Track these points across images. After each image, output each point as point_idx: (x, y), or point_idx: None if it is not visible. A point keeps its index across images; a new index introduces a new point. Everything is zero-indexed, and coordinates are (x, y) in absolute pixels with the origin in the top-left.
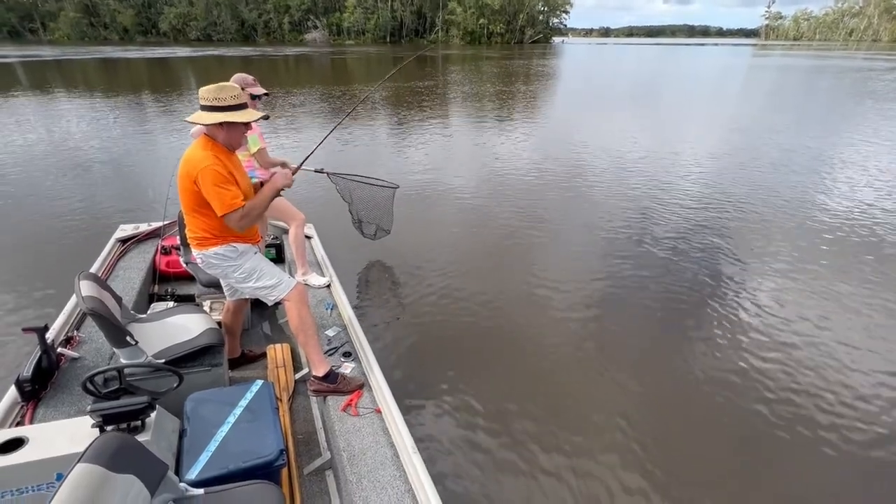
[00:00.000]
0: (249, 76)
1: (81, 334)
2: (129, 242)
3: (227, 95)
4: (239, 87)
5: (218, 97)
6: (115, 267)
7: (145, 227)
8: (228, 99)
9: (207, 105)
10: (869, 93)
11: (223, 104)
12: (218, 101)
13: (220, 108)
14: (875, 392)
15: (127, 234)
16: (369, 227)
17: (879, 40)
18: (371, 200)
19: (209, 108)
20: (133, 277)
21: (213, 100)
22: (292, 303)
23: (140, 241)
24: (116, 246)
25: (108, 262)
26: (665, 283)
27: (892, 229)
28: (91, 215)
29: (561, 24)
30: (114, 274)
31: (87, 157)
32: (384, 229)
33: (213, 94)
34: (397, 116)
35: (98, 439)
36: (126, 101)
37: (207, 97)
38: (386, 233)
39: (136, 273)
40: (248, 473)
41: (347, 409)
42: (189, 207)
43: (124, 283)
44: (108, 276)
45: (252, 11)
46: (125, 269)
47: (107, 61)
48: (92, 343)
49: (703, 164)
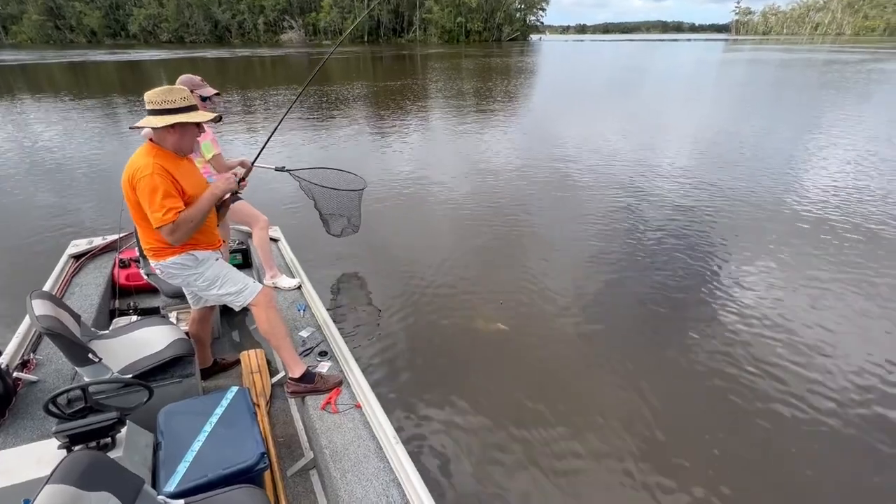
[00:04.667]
0: (196, 77)
1: (39, 356)
2: (84, 258)
3: (176, 97)
4: (187, 89)
5: (167, 99)
6: (70, 284)
7: (100, 241)
8: (178, 101)
9: (156, 109)
10: (833, 83)
11: (173, 106)
12: (167, 104)
13: (169, 110)
14: (871, 372)
15: (81, 249)
16: (336, 225)
17: (843, 34)
18: (337, 198)
19: (158, 112)
20: (91, 294)
21: (162, 102)
22: (260, 307)
23: (95, 255)
24: (70, 262)
25: (63, 280)
26: (651, 275)
27: (877, 212)
28: (40, 231)
29: (538, 22)
30: (69, 291)
31: (34, 168)
32: (352, 226)
33: (162, 97)
34: (378, 115)
35: (66, 459)
36: (85, 105)
37: (155, 100)
38: (354, 230)
39: (94, 289)
40: (230, 480)
41: (327, 408)
42: (138, 216)
43: (81, 300)
44: (64, 294)
45: (225, 12)
46: (81, 286)
47: (75, 65)
48: (51, 364)
49: (684, 157)
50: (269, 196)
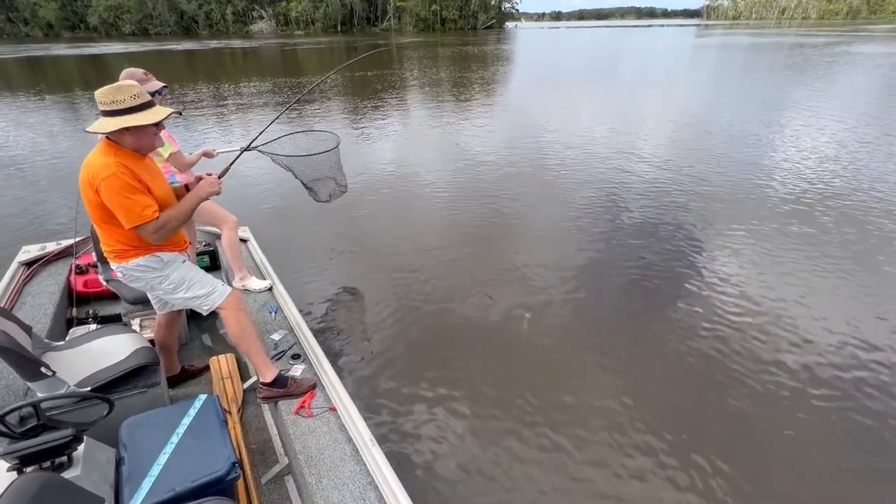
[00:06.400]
0: (140, 70)
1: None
2: (36, 265)
3: (125, 96)
4: (138, 85)
5: (115, 99)
6: (20, 293)
7: (53, 247)
8: (128, 100)
9: (106, 110)
10: (799, 66)
11: (122, 106)
12: (116, 104)
13: (119, 111)
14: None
15: (32, 255)
16: (323, 191)
17: (809, 17)
18: (315, 162)
19: (108, 113)
20: (44, 303)
21: (111, 103)
22: (229, 310)
23: (49, 262)
24: (21, 270)
25: (12, 289)
26: (635, 262)
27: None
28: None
29: (513, 9)
30: (20, 301)
31: None
32: (340, 186)
33: (110, 97)
34: (355, 105)
35: (14, 483)
36: (42, 103)
37: (104, 101)
38: (342, 190)
39: (48, 297)
40: (199, 492)
41: (301, 412)
42: (98, 218)
43: (34, 310)
44: (14, 305)
45: (191, 2)
46: (34, 295)
47: (32, 60)
48: (0, 381)
49: (663, 140)
50: (239, 193)
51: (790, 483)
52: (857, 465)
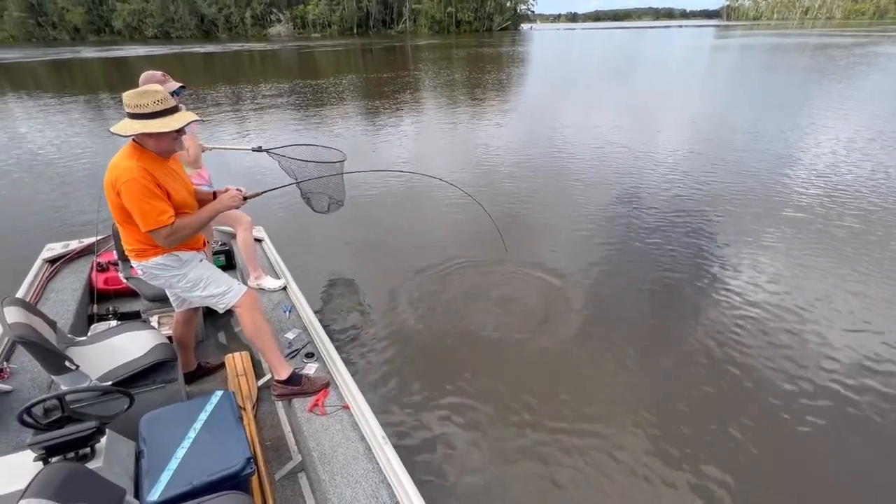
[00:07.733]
0: (158, 72)
1: (13, 365)
2: (59, 262)
3: (147, 101)
4: (162, 91)
5: (140, 103)
6: (45, 289)
7: (76, 245)
8: (150, 105)
9: (131, 113)
10: (827, 68)
11: (146, 111)
12: (140, 108)
13: (142, 115)
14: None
15: (56, 253)
16: (320, 202)
17: (833, 17)
18: (318, 172)
19: (133, 116)
20: (67, 299)
21: (135, 107)
22: (244, 309)
23: (71, 259)
24: (45, 267)
25: (37, 286)
26: (651, 265)
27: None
28: (11, 235)
29: (528, 10)
30: (44, 297)
31: (5, 169)
32: (336, 201)
33: (135, 101)
34: (371, 106)
35: (42, 472)
36: (68, 104)
37: (130, 104)
38: (339, 205)
39: (71, 294)
40: (215, 487)
41: (314, 410)
42: (119, 219)
43: (57, 305)
44: (39, 300)
45: (211, 6)
46: (57, 292)
47: (59, 63)
48: (26, 374)
49: (684, 142)
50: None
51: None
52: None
